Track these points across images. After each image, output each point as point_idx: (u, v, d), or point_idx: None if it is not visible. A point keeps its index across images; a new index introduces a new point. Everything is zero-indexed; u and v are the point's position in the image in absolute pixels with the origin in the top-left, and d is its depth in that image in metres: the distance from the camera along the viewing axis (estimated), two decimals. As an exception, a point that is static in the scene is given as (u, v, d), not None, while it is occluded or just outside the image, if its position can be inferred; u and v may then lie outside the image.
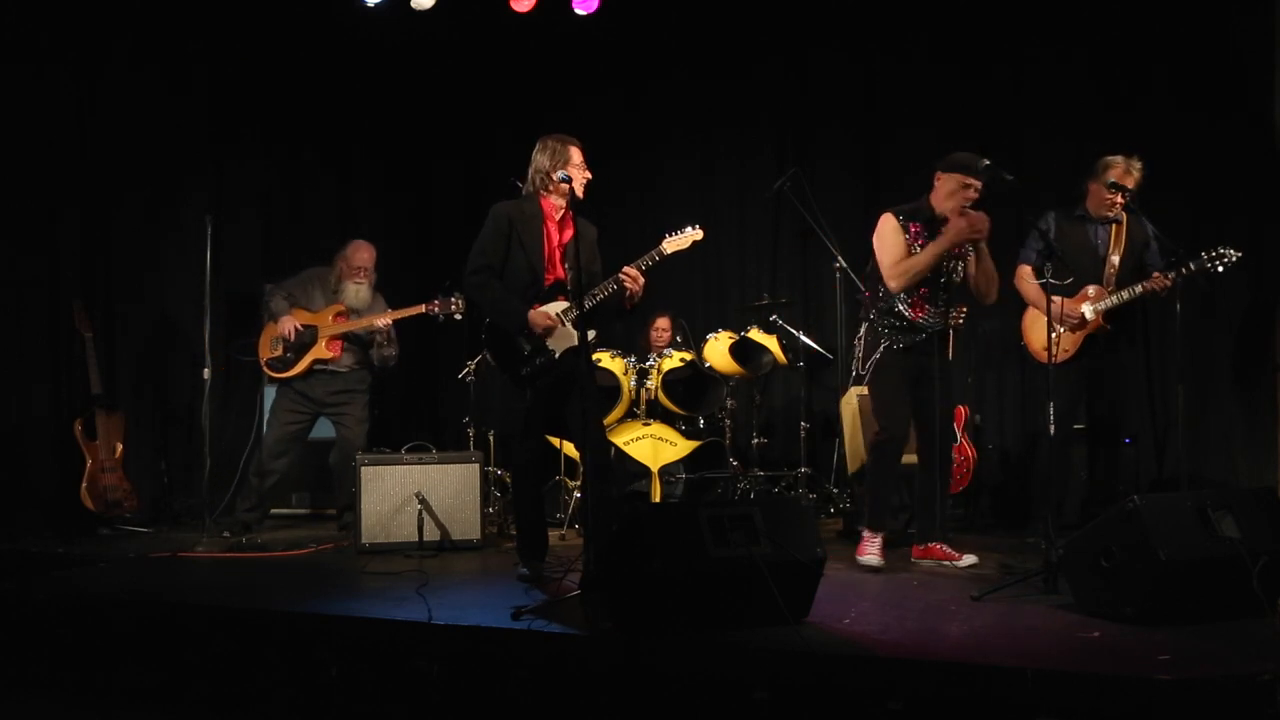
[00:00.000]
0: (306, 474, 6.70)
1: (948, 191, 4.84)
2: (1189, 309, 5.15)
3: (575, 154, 4.70)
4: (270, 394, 6.48)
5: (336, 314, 6.14)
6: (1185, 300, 5.10)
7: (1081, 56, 6.65)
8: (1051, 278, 4.76)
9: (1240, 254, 5.00)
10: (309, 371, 6.07)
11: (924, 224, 4.90)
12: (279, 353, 6.07)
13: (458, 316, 6.05)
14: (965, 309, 6.28)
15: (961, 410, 6.39)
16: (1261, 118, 6.16)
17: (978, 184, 4.79)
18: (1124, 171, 5.24)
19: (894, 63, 7.12)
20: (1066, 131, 6.51)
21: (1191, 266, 5.00)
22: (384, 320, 6.09)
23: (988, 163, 4.75)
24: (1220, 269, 4.99)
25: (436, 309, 6.04)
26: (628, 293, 4.61)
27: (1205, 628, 3.63)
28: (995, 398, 6.88)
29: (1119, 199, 5.25)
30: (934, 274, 4.86)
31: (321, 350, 6.07)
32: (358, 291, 6.16)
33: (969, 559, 4.90)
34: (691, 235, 4.69)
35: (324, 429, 6.34)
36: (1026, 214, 5.36)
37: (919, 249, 4.85)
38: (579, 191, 4.69)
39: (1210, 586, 3.69)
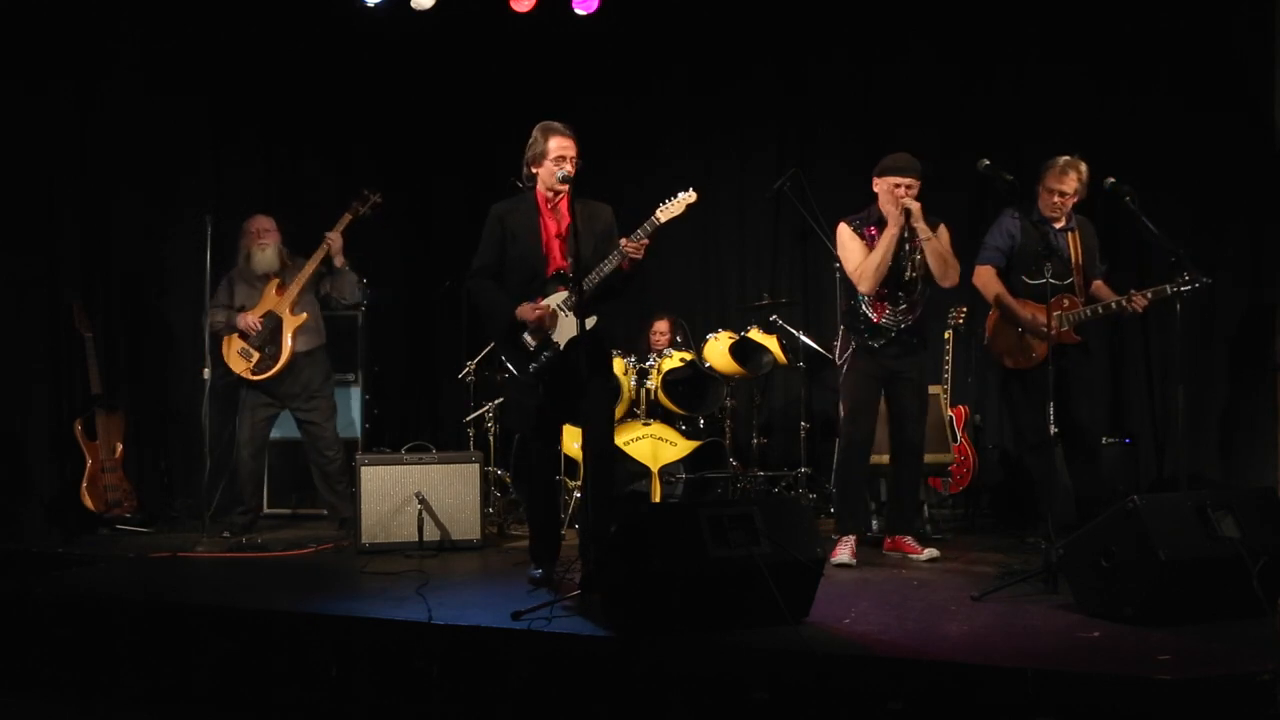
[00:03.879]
0: (304, 474, 6.69)
1: (884, 195, 5.00)
2: (1189, 309, 5.14)
3: (554, 145, 4.59)
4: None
5: (277, 288, 6.04)
6: (1186, 301, 5.08)
7: (1082, 57, 6.64)
8: (1052, 278, 4.74)
9: (1211, 280, 4.97)
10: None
11: (877, 227, 5.04)
12: (255, 358, 5.96)
13: (379, 201, 6.14)
14: (965, 309, 6.31)
15: (961, 410, 6.40)
16: (1261, 118, 6.16)
17: (908, 181, 4.93)
18: (1060, 172, 5.17)
19: (894, 62, 7.11)
20: (1066, 131, 6.49)
21: (1168, 290, 4.97)
22: (332, 242, 6.00)
23: (987, 162, 4.75)
24: (1193, 290, 4.94)
25: (360, 209, 6.07)
26: (627, 260, 4.47)
27: (1205, 628, 3.63)
28: (995, 398, 6.87)
29: (1061, 199, 5.18)
30: (891, 275, 4.99)
31: (291, 321, 5.98)
32: (261, 253, 6.06)
33: (930, 552, 5.07)
34: (685, 199, 4.51)
35: (285, 429, 6.31)
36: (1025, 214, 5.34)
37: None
38: (549, 183, 4.59)
39: (1210, 586, 3.70)
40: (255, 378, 5.98)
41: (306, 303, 6.08)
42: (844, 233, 5.11)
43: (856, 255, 5.04)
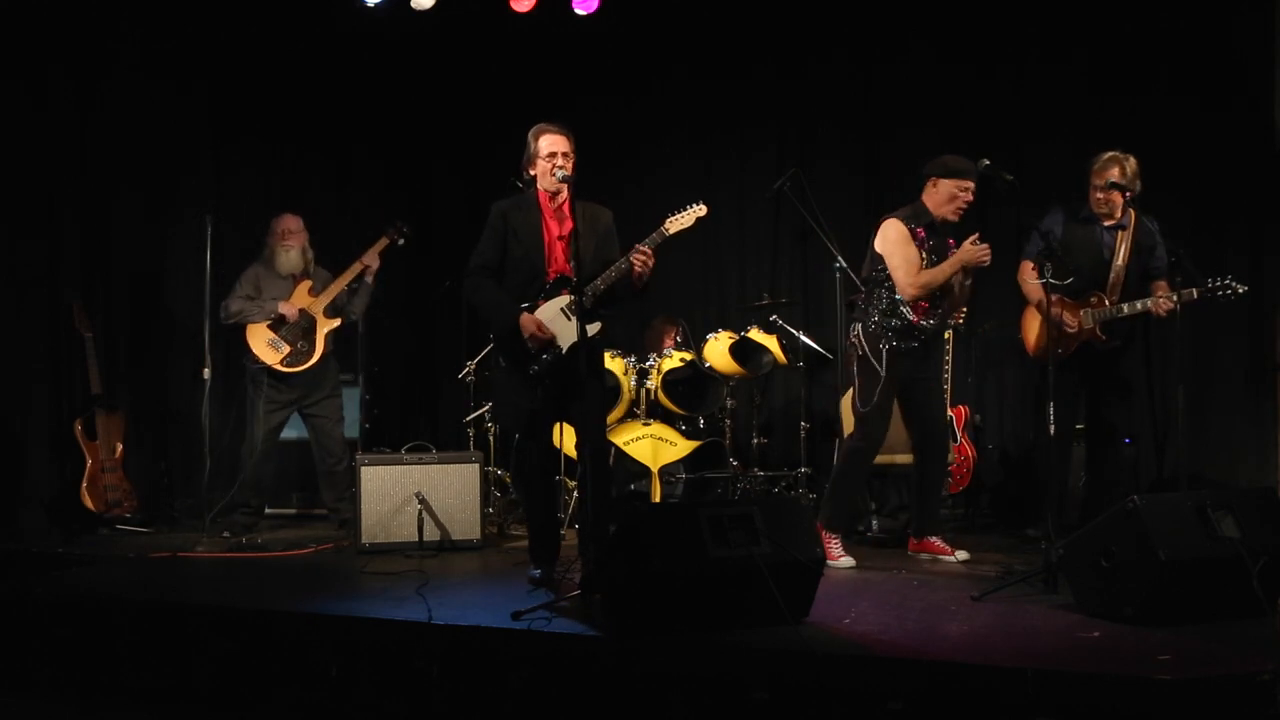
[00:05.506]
0: (304, 474, 6.69)
1: (946, 196, 4.93)
2: (1190, 309, 5.14)
3: (543, 143, 4.58)
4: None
5: (309, 290, 6.14)
6: (1185, 301, 5.08)
7: (1081, 56, 6.64)
8: (1051, 278, 4.75)
9: (1246, 288, 4.93)
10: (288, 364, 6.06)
11: (926, 228, 4.98)
12: (287, 351, 6.01)
13: (409, 232, 6.39)
14: (965, 309, 6.30)
15: (962, 410, 6.39)
16: (1261, 118, 6.16)
17: (972, 186, 4.89)
18: (1101, 167, 5.16)
19: (894, 62, 7.11)
20: (1066, 131, 6.50)
21: (1195, 294, 4.94)
22: (369, 263, 6.18)
23: (988, 162, 4.75)
24: (1223, 296, 4.92)
25: (396, 238, 6.28)
26: (635, 273, 4.47)
27: (1205, 628, 3.63)
28: (995, 398, 6.88)
29: (1115, 196, 5.19)
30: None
31: (327, 323, 6.11)
32: (285, 255, 6.15)
33: (961, 554, 5.04)
34: (694, 212, 4.55)
35: (293, 429, 6.35)
36: (1025, 214, 5.34)
37: (925, 253, 4.96)
38: (547, 184, 4.60)
39: (1210, 586, 3.70)
40: (285, 369, 6.02)
41: (332, 310, 6.20)
42: (899, 231, 4.95)
43: (913, 261, 4.93)
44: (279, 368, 6.02)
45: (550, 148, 4.58)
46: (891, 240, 4.98)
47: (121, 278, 6.75)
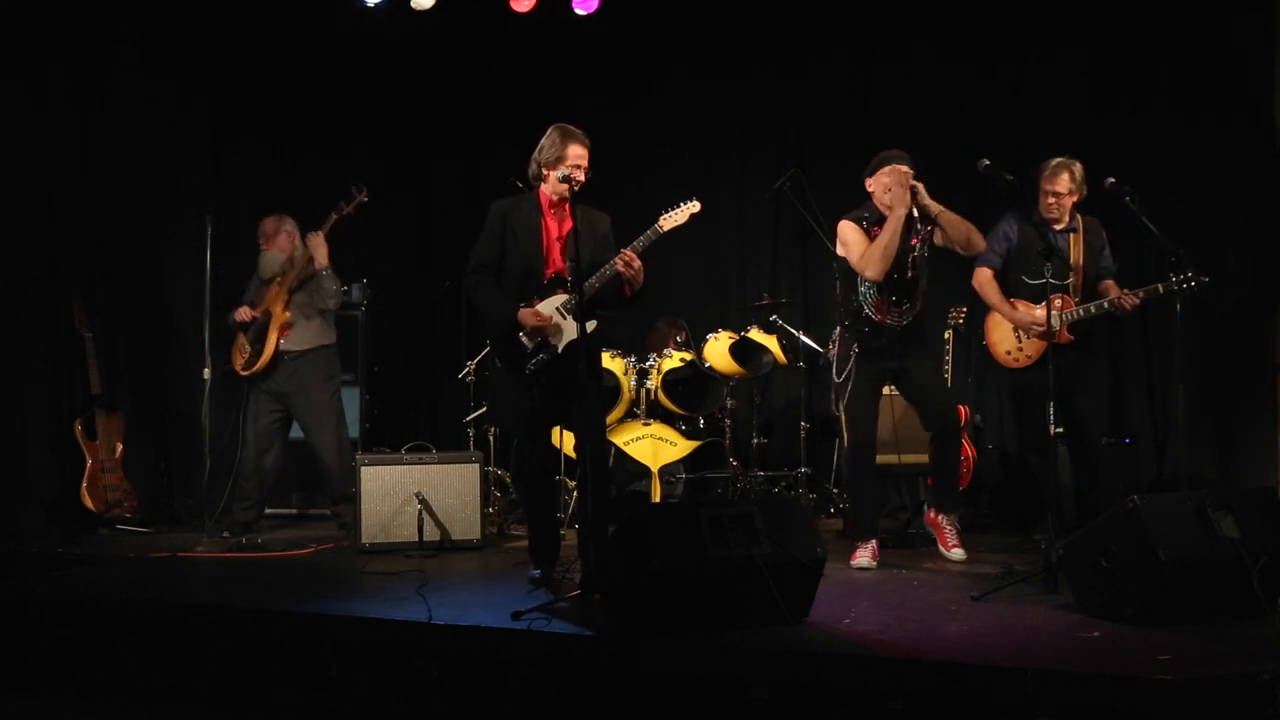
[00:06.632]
0: (303, 474, 6.69)
1: (881, 188, 4.92)
2: (1190, 309, 5.15)
3: (572, 152, 4.58)
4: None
5: (275, 289, 6.06)
6: (1186, 300, 5.08)
7: (1081, 57, 6.64)
8: (1052, 278, 4.74)
9: (1208, 279, 4.94)
10: (274, 362, 5.95)
11: (880, 226, 4.96)
12: (247, 354, 5.99)
13: (365, 200, 5.92)
14: (965, 309, 6.31)
15: (962, 410, 6.39)
16: (1261, 118, 6.16)
17: (903, 168, 4.88)
18: (1051, 173, 5.17)
19: (894, 62, 7.11)
20: (1066, 131, 6.49)
21: (1160, 289, 4.97)
22: (316, 251, 5.91)
23: (987, 162, 4.75)
24: (1186, 290, 4.92)
25: (345, 208, 5.90)
26: (625, 278, 4.49)
27: (1205, 628, 3.63)
28: (995, 398, 6.87)
29: (1065, 201, 5.19)
30: (892, 274, 4.90)
31: (278, 317, 5.94)
32: (261, 259, 6.09)
33: (959, 554, 5.04)
34: (688, 209, 4.55)
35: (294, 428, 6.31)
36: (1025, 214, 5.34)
37: None
38: (556, 188, 4.60)
39: (1210, 586, 3.70)
40: (243, 373, 6.00)
41: (300, 302, 6.04)
42: (847, 228, 4.99)
43: (862, 245, 4.92)
44: (239, 371, 6.01)
45: (576, 159, 4.57)
46: (844, 240, 5.00)
47: (121, 278, 6.75)
